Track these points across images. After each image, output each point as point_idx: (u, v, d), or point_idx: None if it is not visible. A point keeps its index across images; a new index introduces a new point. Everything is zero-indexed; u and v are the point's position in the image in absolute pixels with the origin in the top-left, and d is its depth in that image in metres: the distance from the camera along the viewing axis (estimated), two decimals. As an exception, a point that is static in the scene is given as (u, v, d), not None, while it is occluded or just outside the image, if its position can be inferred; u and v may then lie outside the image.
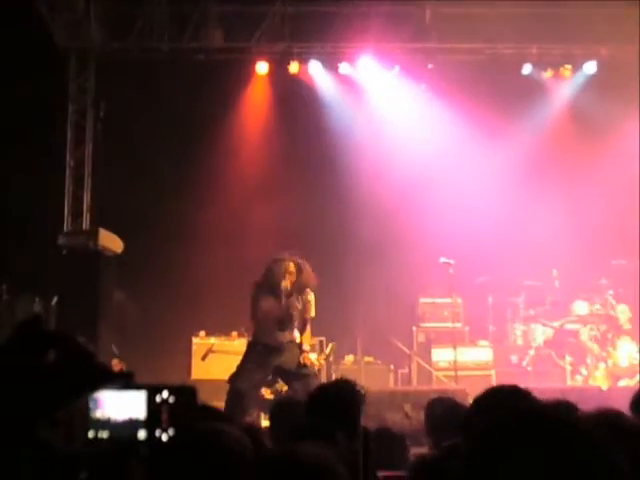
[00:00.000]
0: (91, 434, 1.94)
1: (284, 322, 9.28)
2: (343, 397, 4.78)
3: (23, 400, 1.62)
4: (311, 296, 9.43)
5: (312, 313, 9.49)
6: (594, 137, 14.22)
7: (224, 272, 12.96)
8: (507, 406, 3.15)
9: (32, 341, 1.69)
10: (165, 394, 1.96)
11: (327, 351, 11.02)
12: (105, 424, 1.95)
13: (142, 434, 1.94)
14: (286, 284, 9.20)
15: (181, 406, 1.96)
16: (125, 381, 1.80)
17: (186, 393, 1.98)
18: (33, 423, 1.64)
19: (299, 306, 9.33)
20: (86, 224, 13.64)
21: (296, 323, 9.40)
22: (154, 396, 1.96)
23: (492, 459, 1.58)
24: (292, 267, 9.29)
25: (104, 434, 1.95)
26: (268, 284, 9.31)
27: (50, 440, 1.70)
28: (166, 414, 1.94)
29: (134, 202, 13.45)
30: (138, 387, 1.97)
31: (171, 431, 1.94)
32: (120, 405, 1.96)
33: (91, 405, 1.95)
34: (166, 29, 13.66)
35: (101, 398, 1.96)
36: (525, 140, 14.25)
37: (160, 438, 1.93)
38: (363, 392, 5.06)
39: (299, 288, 9.36)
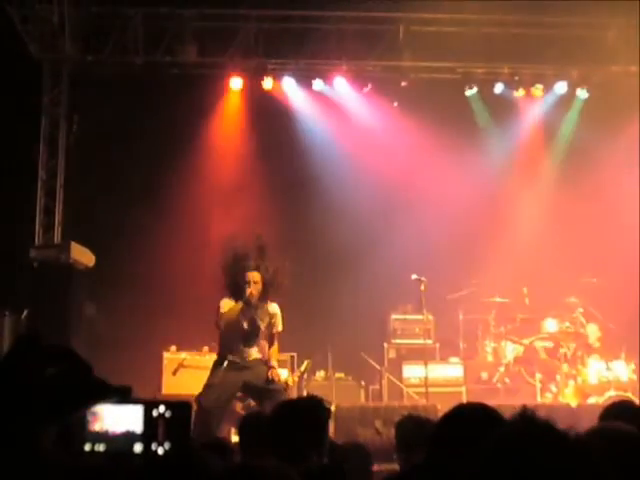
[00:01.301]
0: (88, 447, 1.96)
1: (250, 336, 9.20)
2: (309, 413, 4.78)
3: (23, 413, 1.64)
4: (277, 309, 9.34)
5: (280, 327, 9.40)
6: (565, 156, 14.38)
7: (196, 286, 12.93)
8: (473, 424, 3.19)
9: (32, 355, 1.70)
10: (162, 409, 1.98)
11: (302, 368, 11.00)
12: (102, 437, 1.97)
13: (138, 447, 1.96)
14: (251, 292, 9.10)
15: (177, 421, 1.98)
16: (122, 395, 1.82)
17: (182, 408, 2.01)
18: (33, 436, 1.65)
19: (265, 320, 9.25)
20: (58, 237, 13.58)
21: (262, 338, 9.33)
22: (151, 410, 1.98)
23: None
24: (257, 276, 9.19)
25: (101, 447, 1.96)
26: (235, 290, 9.21)
27: (50, 453, 1.71)
28: (162, 428, 1.96)
29: (106, 216, 13.42)
30: (135, 401, 1.99)
31: (167, 445, 1.96)
32: (117, 419, 1.97)
33: (88, 418, 1.97)
34: (140, 43, 13.67)
35: (98, 412, 1.98)
36: (496, 158, 14.38)
37: (156, 452, 1.95)
38: (330, 408, 5.05)
39: (264, 298, 9.23)
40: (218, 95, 14.32)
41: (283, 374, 11.60)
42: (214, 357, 10.20)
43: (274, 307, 9.28)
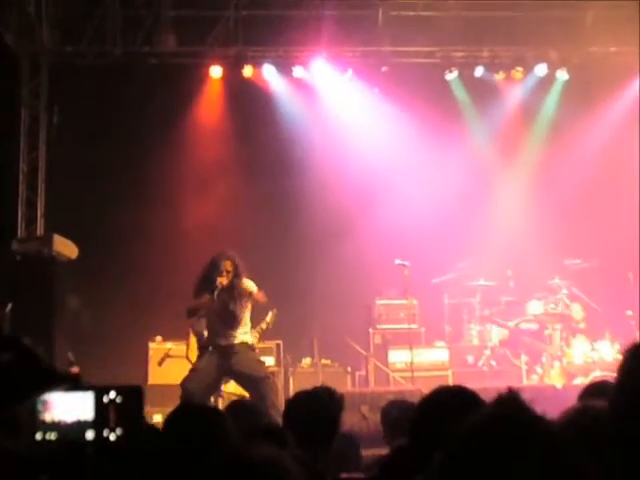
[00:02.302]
0: (39, 436, 1.95)
1: (228, 319, 9.20)
2: (322, 404, 4.82)
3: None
4: (247, 281, 9.31)
5: (254, 288, 9.34)
6: (547, 138, 14.38)
7: (180, 277, 12.90)
8: (453, 407, 3.20)
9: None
10: (112, 394, 1.97)
11: (268, 319, 10.89)
12: (53, 426, 1.95)
13: (90, 435, 1.95)
14: (221, 281, 9.13)
15: (128, 406, 1.96)
16: (72, 382, 1.80)
17: (133, 393, 1.99)
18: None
19: (240, 300, 9.25)
20: (40, 230, 13.53)
21: (246, 318, 9.34)
22: (101, 397, 1.96)
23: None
24: (229, 265, 9.23)
25: (52, 435, 1.95)
26: (206, 281, 9.25)
27: (3, 442, 1.71)
28: (114, 414, 1.95)
29: (88, 207, 13.40)
30: (86, 388, 1.97)
31: (119, 431, 1.95)
32: (68, 407, 1.96)
33: (39, 407, 1.95)
34: (119, 33, 13.59)
35: (49, 400, 1.96)
36: (478, 141, 14.38)
37: (108, 438, 1.94)
38: (341, 398, 5.10)
39: (235, 289, 9.25)
40: (198, 84, 14.26)
41: (269, 361, 11.65)
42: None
43: (245, 284, 9.28)
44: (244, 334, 9.32)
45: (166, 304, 12.65)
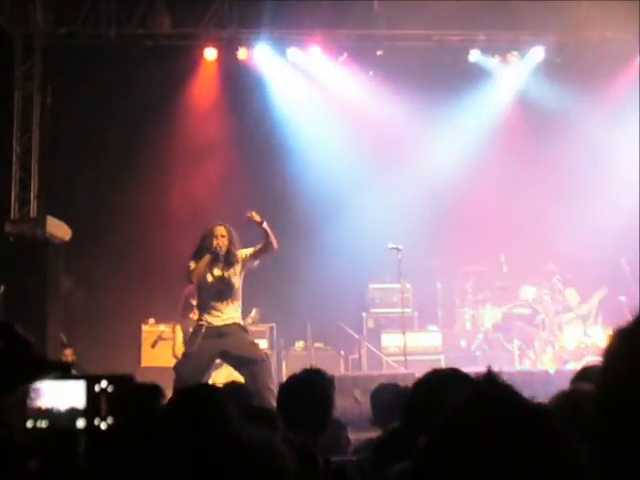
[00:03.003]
0: (30, 424, 1.94)
1: (223, 292, 9.14)
2: (315, 386, 4.83)
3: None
4: (240, 251, 9.24)
5: (247, 250, 9.28)
6: (542, 122, 14.36)
7: (173, 259, 12.89)
8: (447, 390, 3.20)
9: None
10: (104, 383, 1.96)
11: (252, 315, 10.91)
12: (44, 414, 1.95)
13: (81, 423, 1.94)
14: (218, 243, 9.07)
15: (120, 395, 1.96)
16: (64, 371, 1.80)
17: (125, 382, 1.99)
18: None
19: (236, 268, 9.18)
20: (33, 211, 13.50)
21: (238, 296, 9.28)
22: (93, 385, 1.96)
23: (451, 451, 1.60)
24: (223, 230, 9.18)
25: (43, 423, 1.95)
26: (203, 247, 9.18)
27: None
28: (105, 403, 1.95)
29: (82, 189, 13.39)
30: (77, 377, 1.97)
31: (110, 419, 1.94)
32: (59, 395, 1.95)
33: (31, 395, 1.95)
34: (113, 14, 13.52)
35: (41, 388, 1.96)
36: (472, 126, 14.36)
37: (99, 427, 1.94)
38: (332, 380, 5.10)
39: (231, 256, 9.19)
40: (193, 66, 14.22)
41: (262, 344, 11.65)
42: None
43: (239, 254, 9.20)
44: (237, 313, 9.27)
45: (159, 286, 12.68)
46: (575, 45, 14.19)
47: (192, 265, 9.08)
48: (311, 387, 4.84)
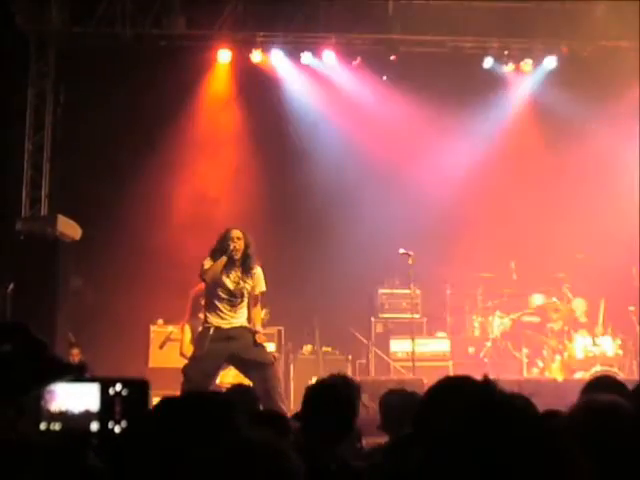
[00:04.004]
0: (43, 426, 1.94)
1: (234, 298, 9.14)
2: (340, 392, 4.84)
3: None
4: (259, 270, 9.30)
5: (263, 287, 9.34)
6: (555, 130, 14.33)
7: (183, 260, 12.90)
8: (459, 397, 3.20)
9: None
10: (118, 387, 1.96)
11: (262, 316, 10.91)
12: (58, 416, 1.95)
13: (95, 426, 1.94)
14: (234, 246, 9.09)
15: (134, 399, 1.96)
16: (78, 373, 1.79)
17: (139, 386, 1.99)
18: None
19: (250, 283, 9.21)
20: (44, 210, 13.51)
21: (247, 304, 9.29)
22: (107, 388, 1.96)
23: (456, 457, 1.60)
24: (239, 233, 9.20)
25: (57, 426, 1.94)
26: (219, 249, 9.20)
27: (5, 431, 1.70)
28: (119, 406, 1.94)
29: (93, 188, 13.38)
30: (92, 379, 1.97)
31: (124, 423, 1.94)
32: (74, 397, 1.95)
33: (45, 397, 1.95)
34: (128, 15, 13.54)
35: (55, 390, 1.95)
36: (485, 133, 14.33)
37: (113, 430, 1.94)
38: (359, 387, 5.11)
39: (248, 260, 9.21)
40: (206, 67, 14.22)
41: (270, 347, 11.63)
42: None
43: (257, 270, 9.25)
44: (244, 317, 9.27)
45: (168, 287, 12.67)
46: (589, 54, 14.16)
47: (207, 264, 9.09)
48: (336, 393, 4.85)
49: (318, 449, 4.31)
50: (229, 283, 9.10)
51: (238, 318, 9.16)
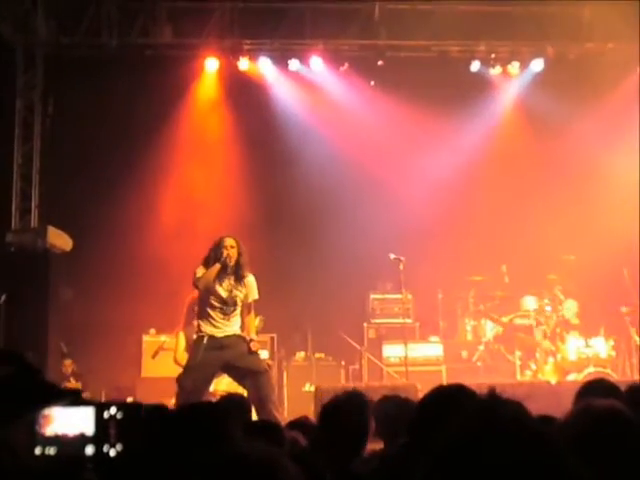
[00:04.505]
0: (38, 450, 1.93)
1: (227, 306, 9.15)
2: (353, 410, 4.89)
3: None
4: (252, 278, 9.32)
5: (255, 295, 9.36)
6: (542, 133, 14.35)
7: (175, 269, 12.89)
8: (453, 406, 3.21)
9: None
10: (113, 410, 1.95)
11: (256, 323, 10.93)
12: (53, 440, 1.94)
13: (90, 450, 1.94)
14: (228, 254, 9.11)
15: (129, 422, 1.95)
16: (73, 398, 1.79)
17: (134, 409, 1.98)
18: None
19: (243, 292, 9.22)
20: (34, 221, 13.48)
21: (241, 312, 9.29)
22: (102, 412, 1.95)
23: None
24: (232, 242, 9.22)
25: (51, 450, 1.94)
26: (212, 257, 9.22)
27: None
28: (114, 430, 1.94)
29: (83, 199, 13.36)
30: (86, 403, 1.96)
31: (119, 446, 1.94)
32: (69, 421, 1.94)
33: (40, 421, 1.94)
34: (115, 24, 13.53)
35: (50, 414, 1.95)
36: (473, 136, 14.35)
37: (108, 453, 1.93)
38: (371, 402, 5.17)
39: (241, 269, 9.23)
40: (193, 76, 14.22)
41: (263, 355, 11.61)
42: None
43: (250, 278, 9.26)
44: (237, 326, 9.26)
45: (161, 297, 12.65)
46: (576, 56, 14.19)
47: (200, 272, 9.11)
48: (350, 411, 4.91)
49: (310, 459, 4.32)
50: (222, 291, 9.10)
51: (231, 326, 9.17)
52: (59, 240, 12.14)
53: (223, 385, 10.69)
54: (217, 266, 9.04)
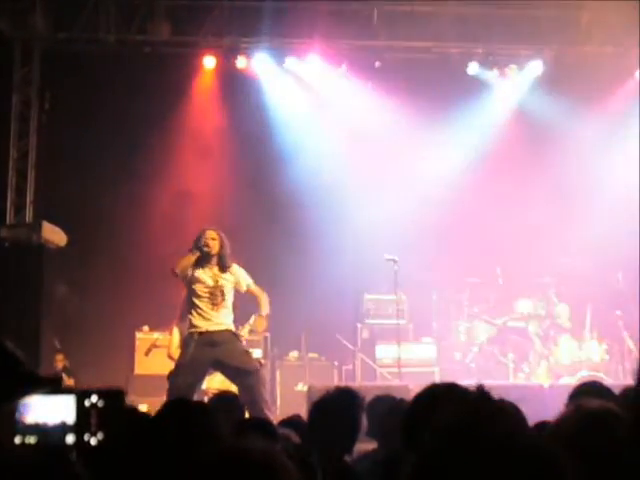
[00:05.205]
0: (18, 439, 1.92)
1: (215, 295, 9.15)
2: (345, 407, 4.88)
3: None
4: (236, 266, 9.33)
5: (249, 279, 9.34)
6: (539, 136, 14.34)
7: (169, 266, 12.86)
8: (445, 404, 3.19)
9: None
10: (94, 398, 1.94)
11: (251, 322, 10.91)
12: (33, 429, 1.92)
13: (71, 438, 1.92)
14: (207, 243, 9.15)
15: (110, 410, 1.94)
16: (53, 386, 1.77)
17: (115, 397, 1.96)
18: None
19: (230, 279, 9.23)
20: (29, 217, 13.46)
21: (230, 303, 9.28)
22: (83, 400, 1.93)
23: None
24: (213, 234, 9.26)
25: (31, 439, 1.92)
26: (194, 247, 9.25)
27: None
28: (95, 418, 1.92)
29: (78, 195, 13.34)
30: (67, 391, 1.94)
31: (100, 435, 1.92)
32: (49, 410, 1.93)
33: (20, 410, 1.92)
34: (113, 20, 13.51)
35: (30, 403, 1.93)
36: (470, 138, 14.34)
37: (89, 442, 1.91)
38: (363, 399, 5.16)
39: (223, 259, 9.25)
40: (191, 73, 14.19)
41: (256, 354, 11.60)
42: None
43: (235, 267, 9.28)
44: (229, 319, 9.24)
45: (154, 294, 12.63)
46: (574, 59, 14.19)
47: (179, 259, 9.21)
48: (341, 407, 4.90)
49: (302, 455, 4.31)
50: (207, 279, 9.13)
51: (221, 318, 9.14)
52: (54, 235, 12.12)
53: (216, 383, 10.69)
54: (196, 253, 9.11)
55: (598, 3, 13.30)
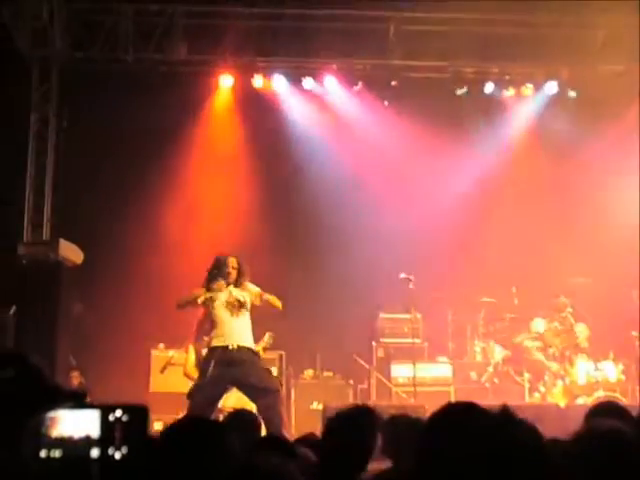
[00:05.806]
0: (43, 453, 1.94)
1: (234, 309, 9.17)
2: (360, 424, 4.87)
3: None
4: (249, 283, 9.38)
5: (257, 288, 9.39)
6: (555, 155, 14.35)
7: (185, 285, 12.89)
8: (462, 424, 3.19)
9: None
10: (118, 413, 1.96)
11: (265, 339, 10.93)
12: (58, 443, 1.94)
13: (95, 452, 1.94)
14: (229, 272, 9.21)
15: (134, 425, 1.96)
16: (78, 400, 1.79)
17: (140, 412, 1.99)
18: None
19: (245, 295, 9.26)
20: (46, 234, 13.51)
21: (248, 315, 9.31)
22: (107, 415, 1.96)
23: None
24: (234, 262, 9.32)
25: (57, 453, 1.94)
26: (214, 275, 9.30)
27: (4, 460, 1.69)
28: (119, 433, 1.95)
29: (95, 213, 13.40)
30: (92, 406, 1.97)
31: (124, 449, 1.94)
32: (74, 424, 1.95)
33: (44, 424, 1.95)
34: (130, 40, 13.60)
35: (55, 417, 1.95)
36: (486, 158, 14.36)
37: (113, 456, 1.94)
38: (379, 416, 5.14)
39: (242, 283, 9.31)
40: (208, 93, 14.29)
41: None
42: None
43: (247, 285, 9.32)
44: (249, 337, 9.27)
45: (170, 312, 12.62)
46: (590, 79, 14.19)
47: (202, 291, 9.22)
48: (356, 424, 4.89)
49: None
50: (227, 299, 9.18)
51: (242, 333, 9.16)
52: (70, 253, 12.18)
53: (231, 401, 10.68)
54: (221, 282, 9.16)
55: (613, 22, 13.33)
